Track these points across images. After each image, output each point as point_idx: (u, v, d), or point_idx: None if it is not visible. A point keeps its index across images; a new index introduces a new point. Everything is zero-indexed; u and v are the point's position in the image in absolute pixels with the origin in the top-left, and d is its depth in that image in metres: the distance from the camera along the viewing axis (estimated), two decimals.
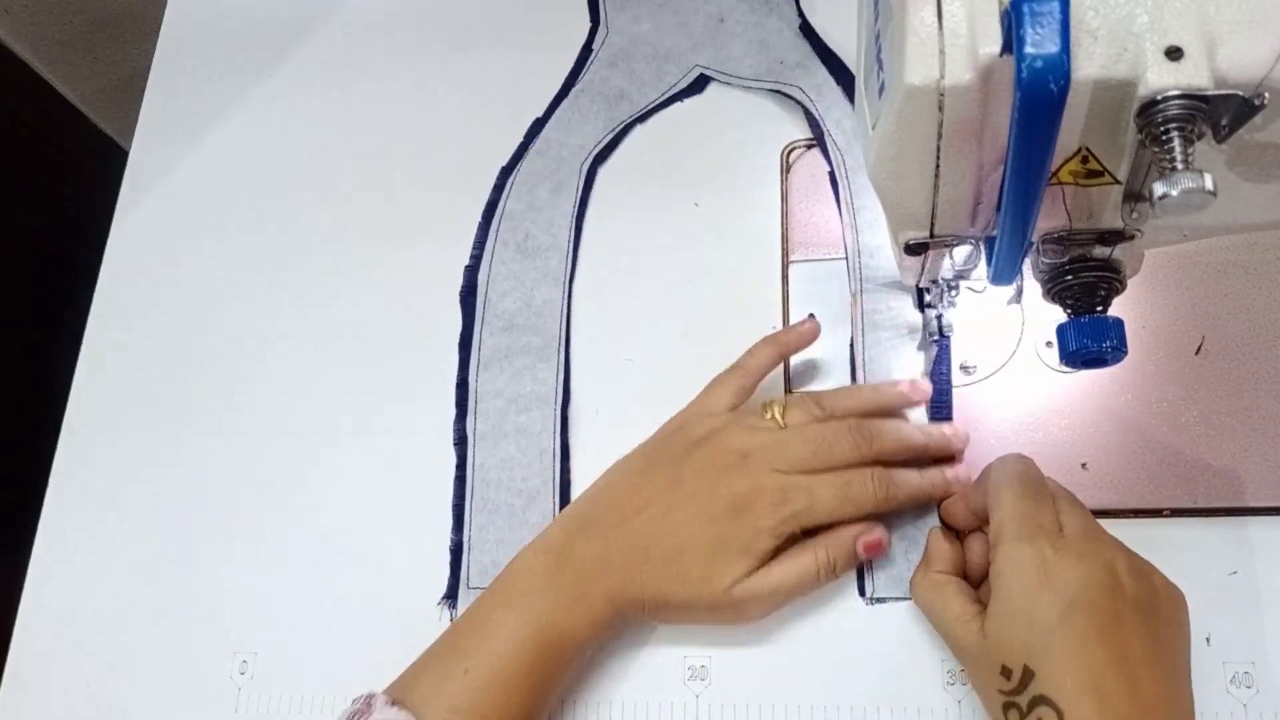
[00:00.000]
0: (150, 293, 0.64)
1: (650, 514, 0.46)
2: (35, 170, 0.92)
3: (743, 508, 0.45)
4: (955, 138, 0.34)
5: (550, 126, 0.62)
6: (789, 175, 0.59)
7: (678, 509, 0.46)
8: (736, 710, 0.48)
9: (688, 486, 0.47)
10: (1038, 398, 0.51)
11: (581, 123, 0.62)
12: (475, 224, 0.61)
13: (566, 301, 0.57)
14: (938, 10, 0.32)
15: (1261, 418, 0.49)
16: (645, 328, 0.56)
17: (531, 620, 0.45)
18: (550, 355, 0.56)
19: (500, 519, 0.53)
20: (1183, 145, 0.31)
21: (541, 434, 0.54)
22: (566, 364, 0.56)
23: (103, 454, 0.60)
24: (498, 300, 0.58)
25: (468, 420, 0.55)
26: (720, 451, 0.47)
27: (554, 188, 0.60)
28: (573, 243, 0.59)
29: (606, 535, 0.47)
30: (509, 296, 0.58)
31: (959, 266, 0.45)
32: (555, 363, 0.56)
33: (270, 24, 0.71)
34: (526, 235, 0.59)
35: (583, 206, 0.60)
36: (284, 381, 0.59)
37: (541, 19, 0.66)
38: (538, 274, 0.58)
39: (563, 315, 0.57)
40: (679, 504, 0.46)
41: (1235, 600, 0.46)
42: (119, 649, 0.55)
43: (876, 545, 0.47)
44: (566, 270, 0.58)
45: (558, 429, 0.54)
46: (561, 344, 0.56)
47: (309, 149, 0.66)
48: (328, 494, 0.56)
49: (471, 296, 0.58)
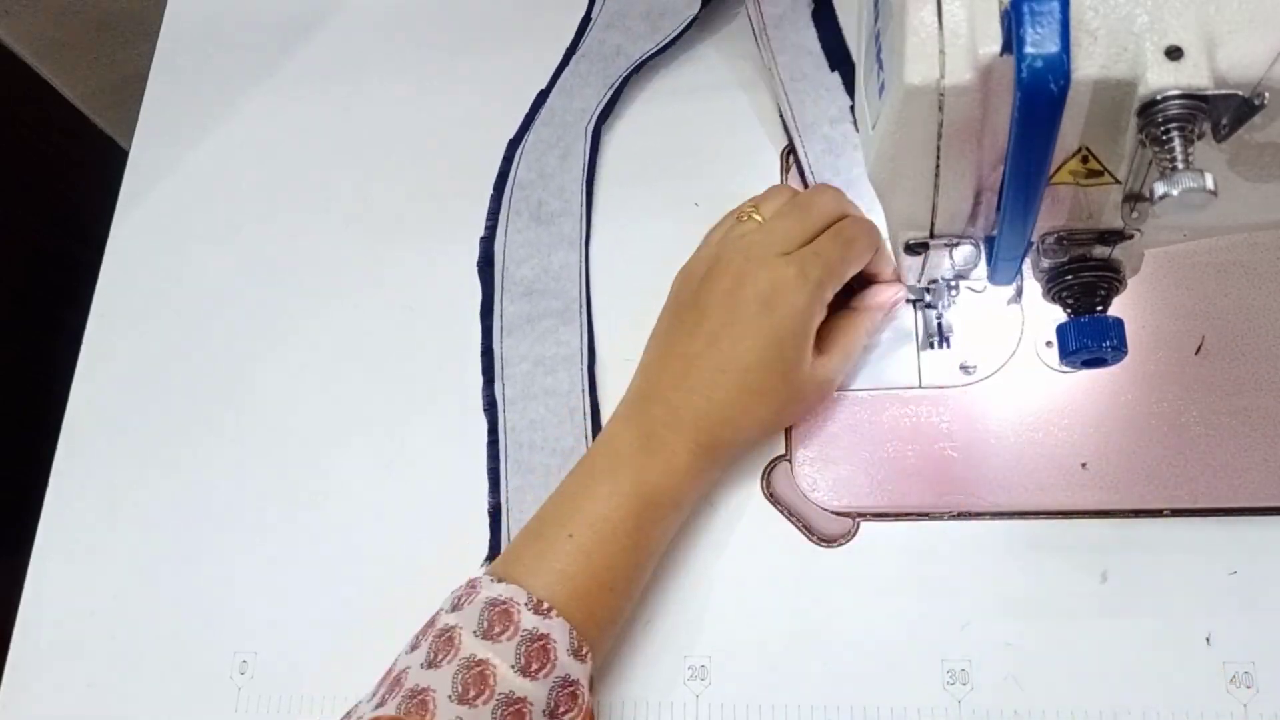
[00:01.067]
0: (150, 293, 0.64)
1: (697, 364, 0.48)
2: (35, 170, 0.92)
3: (773, 302, 0.47)
4: (955, 138, 0.34)
5: (554, 95, 0.63)
6: (789, 175, 0.59)
7: (718, 343, 0.48)
8: (736, 710, 0.48)
9: (715, 317, 0.48)
10: (1038, 398, 0.51)
11: (582, 86, 0.62)
12: (477, 221, 0.61)
13: (584, 264, 0.58)
14: (938, 10, 0.32)
15: (1261, 418, 0.49)
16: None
17: (626, 482, 0.46)
18: (572, 317, 0.57)
19: (536, 479, 0.53)
20: (1183, 145, 0.31)
21: (570, 394, 0.55)
22: (590, 324, 0.57)
23: (103, 454, 0.60)
24: (515, 268, 0.59)
25: (495, 386, 0.56)
26: (725, 269, 0.49)
27: (562, 154, 0.61)
28: (585, 206, 0.60)
29: (668, 399, 0.48)
30: (526, 264, 0.59)
31: (959, 266, 0.45)
32: (578, 324, 0.57)
33: (270, 24, 0.71)
34: (539, 203, 0.60)
35: (591, 169, 0.61)
36: (284, 381, 0.59)
37: (542, 19, 0.66)
38: (553, 239, 0.59)
39: (581, 278, 0.58)
40: (716, 338, 0.48)
41: (1235, 600, 0.46)
42: (119, 649, 0.55)
43: (899, 300, 0.52)
44: (582, 234, 0.59)
45: (586, 388, 0.55)
46: (583, 306, 0.57)
47: (309, 149, 0.66)
48: (328, 493, 0.56)
49: (489, 267, 0.59)
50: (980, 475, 0.50)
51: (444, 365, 0.58)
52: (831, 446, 0.52)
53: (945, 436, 0.51)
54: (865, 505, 0.51)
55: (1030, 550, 0.49)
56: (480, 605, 0.42)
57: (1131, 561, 0.48)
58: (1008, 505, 0.49)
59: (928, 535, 0.50)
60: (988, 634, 0.48)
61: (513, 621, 0.42)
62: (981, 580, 0.49)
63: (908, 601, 0.49)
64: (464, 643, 0.41)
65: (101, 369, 0.62)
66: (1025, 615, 0.47)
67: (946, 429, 0.51)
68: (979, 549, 0.49)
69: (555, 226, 0.59)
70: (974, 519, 0.50)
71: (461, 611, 0.43)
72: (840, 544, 0.50)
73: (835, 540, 0.51)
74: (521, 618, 0.42)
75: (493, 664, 0.41)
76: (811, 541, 0.51)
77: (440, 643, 0.42)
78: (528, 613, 0.42)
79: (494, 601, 0.42)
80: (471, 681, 0.40)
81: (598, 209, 0.60)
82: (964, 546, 0.49)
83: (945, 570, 0.49)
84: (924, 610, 0.48)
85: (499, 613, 0.42)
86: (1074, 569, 0.48)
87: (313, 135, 0.66)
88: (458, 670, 0.41)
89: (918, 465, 0.51)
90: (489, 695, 0.40)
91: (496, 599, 0.42)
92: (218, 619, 0.54)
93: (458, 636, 0.41)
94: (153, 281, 0.64)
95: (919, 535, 0.50)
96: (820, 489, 0.51)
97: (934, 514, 0.50)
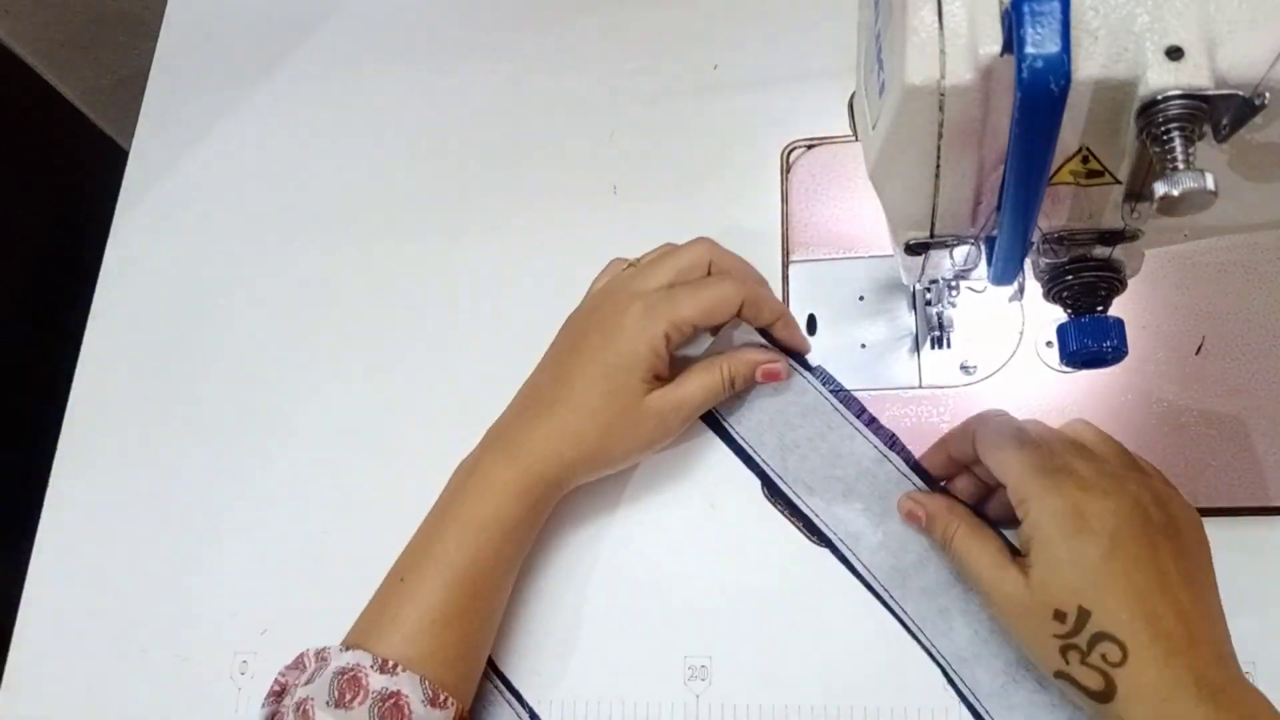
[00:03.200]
0: (150, 293, 0.64)
1: (535, 394, 0.50)
2: (35, 170, 0.92)
3: (613, 334, 0.48)
4: (955, 138, 0.34)
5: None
6: (789, 175, 0.59)
7: (557, 374, 0.49)
8: (736, 710, 0.48)
9: (563, 352, 0.50)
10: (1038, 398, 0.51)
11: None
12: (475, 222, 0.61)
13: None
14: (938, 10, 0.32)
15: (1261, 418, 0.49)
16: None
17: (449, 515, 0.48)
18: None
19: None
20: (1184, 145, 0.31)
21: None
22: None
23: (103, 454, 0.60)
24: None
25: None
26: (589, 312, 0.51)
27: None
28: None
29: (503, 431, 0.50)
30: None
31: (959, 266, 0.45)
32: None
33: (270, 24, 0.71)
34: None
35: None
36: (284, 381, 0.59)
37: (542, 18, 0.66)
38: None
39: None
40: (558, 369, 0.49)
41: (1235, 600, 0.46)
42: (119, 649, 0.55)
43: (775, 374, 0.51)
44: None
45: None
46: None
47: (309, 149, 0.66)
48: (328, 493, 0.56)
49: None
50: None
51: (443, 365, 0.58)
52: None
53: None
54: None
55: None
56: (330, 676, 0.43)
57: None
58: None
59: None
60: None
61: (362, 686, 0.42)
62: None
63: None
64: (317, 716, 0.42)
65: (101, 369, 0.62)
66: None
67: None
68: None
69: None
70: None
71: (313, 684, 0.43)
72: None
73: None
74: (370, 680, 0.43)
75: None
76: (811, 541, 0.51)
77: (299, 716, 0.42)
78: (375, 674, 0.43)
79: (342, 670, 0.43)
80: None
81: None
82: None
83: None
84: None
85: (348, 680, 0.43)
86: None
87: (312, 135, 0.66)
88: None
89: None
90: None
91: (344, 668, 0.43)
92: (217, 619, 0.54)
93: (310, 709, 0.42)
94: (153, 281, 0.64)
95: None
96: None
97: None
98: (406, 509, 0.55)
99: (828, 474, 0.50)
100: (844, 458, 0.50)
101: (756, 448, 0.52)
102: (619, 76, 0.64)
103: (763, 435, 0.52)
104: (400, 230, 0.62)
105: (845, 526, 0.50)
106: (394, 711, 0.42)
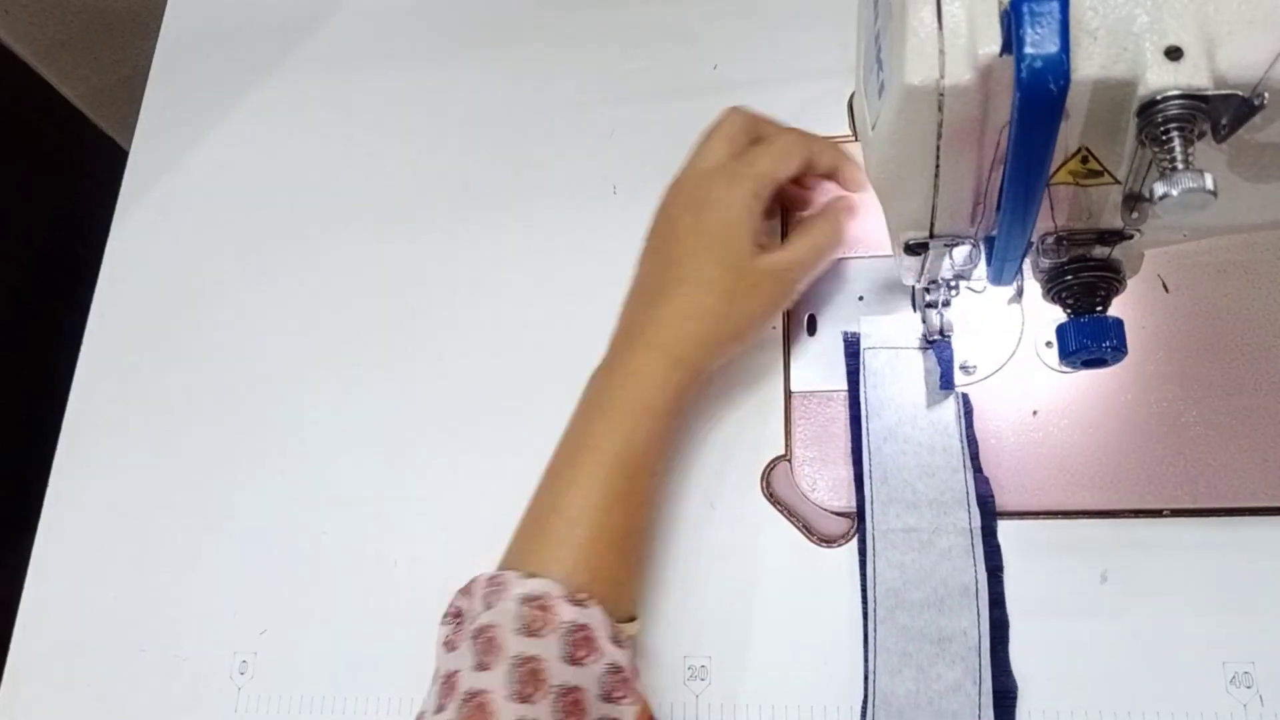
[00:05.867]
0: (150, 293, 0.64)
1: (648, 284, 0.50)
2: (35, 170, 0.92)
3: (704, 206, 0.50)
4: (955, 138, 0.34)
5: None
6: None
7: (661, 259, 0.50)
8: (736, 710, 0.48)
9: (660, 238, 0.51)
10: (1038, 398, 0.51)
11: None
12: (475, 222, 0.61)
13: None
14: (938, 10, 0.32)
15: (1261, 418, 0.49)
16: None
17: (606, 423, 0.47)
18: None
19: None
20: (1183, 145, 0.31)
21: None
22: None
23: (103, 454, 0.60)
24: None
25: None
26: (668, 204, 0.52)
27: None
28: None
29: (632, 328, 0.50)
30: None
31: (959, 266, 0.45)
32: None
33: (270, 24, 0.71)
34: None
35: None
36: (284, 381, 0.59)
37: (542, 18, 0.66)
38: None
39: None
40: (660, 255, 0.51)
41: (1235, 600, 0.46)
42: (119, 649, 0.55)
43: (851, 208, 0.53)
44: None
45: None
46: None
47: (309, 149, 0.66)
48: (328, 493, 0.56)
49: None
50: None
51: (443, 364, 0.58)
52: (831, 446, 0.52)
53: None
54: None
55: (1030, 550, 0.49)
56: (515, 601, 0.42)
57: (1131, 561, 0.48)
58: (1007, 505, 0.49)
59: None
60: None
61: (553, 615, 0.42)
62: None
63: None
64: (508, 641, 0.41)
65: (101, 369, 0.62)
66: (1025, 615, 0.47)
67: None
68: None
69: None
70: None
71: (495, 609, 0.42)
72: (840, 544, 0.50)
73: (835, 540, 0.51)
74: (560, 610, 0.42)
75: (542, 659, 0.41)
76: (811, 541, 0.51)
77: (483, 643, 0.41)
78: (565, 605, 0.42)
79: (529, 597, 0.42)
80: (526, 679, 0.40)
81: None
82: None
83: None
84: None
85: (536, 608, 0.42)
86: (1074, 569, 0.48)
87: (312, 135, 0.66)
88: (509, 670, 0.40)
89: None
90: (544, 690, 0.40)
91: (531, 594, 0.42)
92: (217, 619, 0.54)
93: (499, 635, 0.41)
94: (153, 281, 0.64)
95: None
96: (820, 489, 0.51)
97: None
98: (407, 509, 0.55)
99: (909, 480, 0.50)
100: (934, 480, 0.50)
101: (872, 413, 0.52)
102: (619, 76, 0.64)
103: (884, 410, 0.51)
104: (400, 230, 0.62)
105: (885, 529, 0.49)
106: (584, 643, 0.42)
